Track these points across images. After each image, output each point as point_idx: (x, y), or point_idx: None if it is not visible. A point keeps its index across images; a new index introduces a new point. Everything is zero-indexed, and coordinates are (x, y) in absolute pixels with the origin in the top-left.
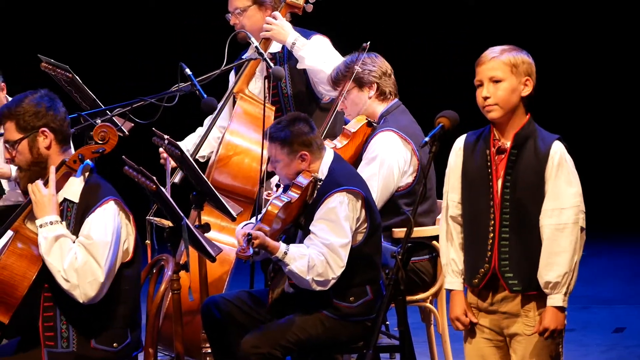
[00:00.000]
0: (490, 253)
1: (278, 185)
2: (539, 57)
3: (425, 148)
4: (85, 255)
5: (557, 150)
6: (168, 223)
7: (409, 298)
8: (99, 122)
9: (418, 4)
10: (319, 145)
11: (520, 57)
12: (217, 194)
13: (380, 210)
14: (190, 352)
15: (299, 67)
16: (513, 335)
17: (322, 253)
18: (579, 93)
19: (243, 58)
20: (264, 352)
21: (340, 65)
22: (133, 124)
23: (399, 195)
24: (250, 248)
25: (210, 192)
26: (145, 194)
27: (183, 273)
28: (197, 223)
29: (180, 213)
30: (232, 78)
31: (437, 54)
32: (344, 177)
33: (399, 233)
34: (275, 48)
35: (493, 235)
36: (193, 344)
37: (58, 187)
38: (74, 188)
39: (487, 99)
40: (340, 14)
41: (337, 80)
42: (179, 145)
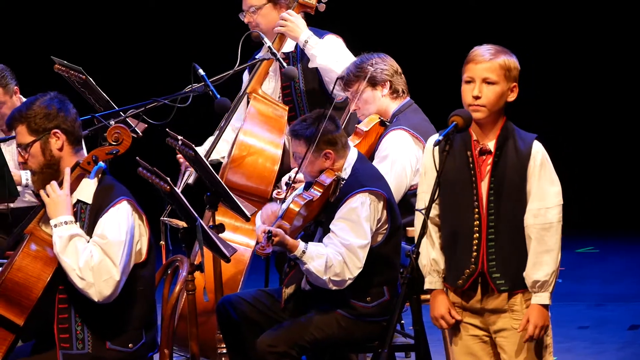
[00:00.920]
0: (477, 254)
1: (288, 184)
2: (538, 56)
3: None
4: (101, 254)
5: (538, 150)
6: (182, 224)
7: (424, 297)
8: (113, 123)
9: (431, 3)
10: (344, 144)
11: (513, 62)
12: (231, 195)
13: None
14: (206, 352)
15: (311, 65)
16: (499, 331)
17: (340, 253)
18: (582, 93)
19: (256, 58)
20: (280, 351)
21: (351, 67)
22: (147, 125)
23: (412, 194)
24: (270, 246)
25: (225, 192)
26: (160, 195)
27: (198, 274)
28: (211, 223)
29: (195, 214)
30: (245, 78)
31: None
32: (367, 177)
33: (413, 232)
34: (289, 47)
35: (479, 237)
36: (208, 345)
37: (72, 188)
38: (88, 189)
39: (477, 98)
40: (353, 14)
41: (348, 82)
42: (193, 146)
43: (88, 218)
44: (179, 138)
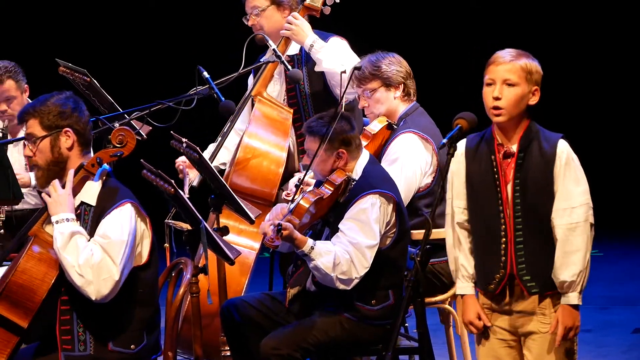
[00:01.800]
0: (505, 258)
1: (297, 186)
2: (545, 56)
3: (444, 149)
4: (102, 253)
5: (563, 150)
6: (187, 226)
7: (428, 300)
8: (117, 125)
9: (438, 6)
10: (357, 145)
11: (535, 65)
12: (235, 197)
13: None
14: (209, 355)
15: (317, 69)
16: (528, 334)
17: (347, 252)
18: (583, 95)
19: (261, 61)
20: (284, 353)
21: (366, 64)
22: (151, 128)
23: (419, 197)
24: (279, 238)
25: (229, 195)
26: (164, 198)
27: (202, 276)
28: (215, 226)
29: (199, 216)
30: (250, 81)
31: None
32: (378, 179)
33: (418, 234)
34: (294, 50)
35: (506, 240)
36: (212, 347)
37: (76, 190)
38: (92, 191)
39: (497, 100)
40: (358, 16)
41: (363, 78)
42: (197, 149)
43: (91, 220)
44: (184, 140)
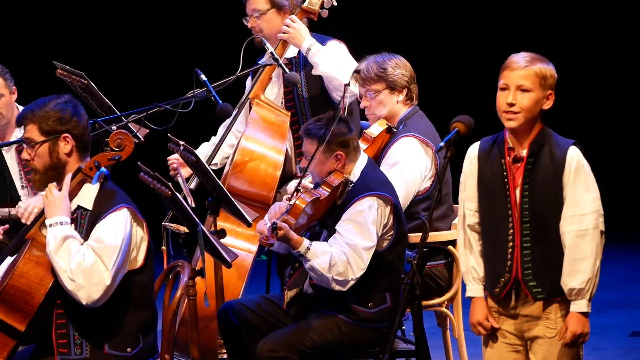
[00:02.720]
0: (511, 262)
1: (298, 190)
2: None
3: (441, 153)
4: (94, 257)
5: (573, 156)
6: (184, 229)
7: (425, 303)
8: (115, 128)
9: (434, 7)
10: (355, 148)
11: (549, 70)
12: (232, 200)
13: None
14: (206, 358)
15: (314, 73)
16: (534, 338)
17: (344, 253)
18: (579, 97)
19: (259, 63)
20: (281, 356)
21: (372, 65)
22: (148, 130)
23: (417, 200)
24: (275, 237)
25: (226, 198)
26: (161, 200)
27: (199, 279)
28: (212, 229)
29: (196, 219)
30: (249, 83)
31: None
32: (376, 182)
33: (415, 238)
34: (291, 53)
35: (512, 245)
36: (209, 350)
37: (73, 194)
38: (89, 195)
39: (511, 105)
40: (355, 19)
41: (368, 79)
42: (195, 151)
43: (87, 223)
44: (181, 143)
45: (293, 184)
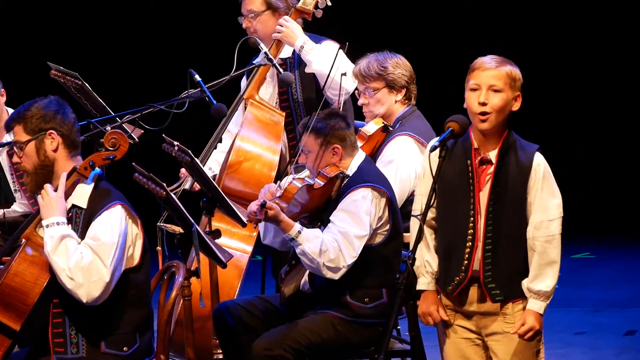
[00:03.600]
0: (467, 262)
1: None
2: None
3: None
4: (92, 255)
5: (540, 162)
6: (179, 229)
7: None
8: (109, 129)
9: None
10: (352, 143)
11: (517, 72)
12: (227, 200)
13: None
14: (202, 358)
15: (307, 71)
16: (491, 334)
17: (336, 240)
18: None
19: (254, 64)
20: (276, 354)
21: (373, 62)
22: (143, 131)
23: (412, 200)
24: (262, 213)
25: (221, 198)
26: (156, 201)
27: (194, 279)
28: (207, 229)
29: (191, 219)
30: (243, 83)
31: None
32: (372, 176)
33: (409, 237)
34: (286, 53)
35: (471, 245)
36: (204, 350)
37: (67, 193)
38: (83, 194)
39: (483, 105)
40: (350, 18)
41: (368, 77)
42: (189, 152)
43: (82, 222)
44: (175, 144)
45: (288, 179)
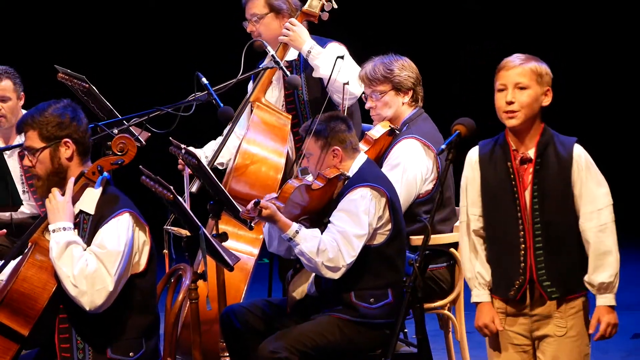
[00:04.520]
0: (524, 264)
1: None
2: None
3: (443, 155)
4: (97, 263)
5: (580, 154)
6: (185, 232)
7: (427, 305)
8: (116, 132)
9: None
10: (353, 145)
11: (544, 67)
12: (234, 203)
13: None
14: None
15: (314, 75)
16: (543, 337)
17: (334, 239)
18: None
19: (260, 67)
20: (282, 357)
21: (379, 65)
22: (150, 134)
23: (419, 203)
24: (255, 212)
25: (228, 201)
26: (163, 204)
27: (201, 282)
28: (214, 232)
29: (198, 222)
30: (250, 86)
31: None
32: (371, 176)
33: (417, 240)
34: (292, 56)
35: (525, 246)
36: (211, 353)
37: (75, 198)
38: (91, 200)
39: (510, 104)
40: (355, 21)
41: (375, 80)
42: (196, 155)
43: (90, 228)
44: (182, 147)
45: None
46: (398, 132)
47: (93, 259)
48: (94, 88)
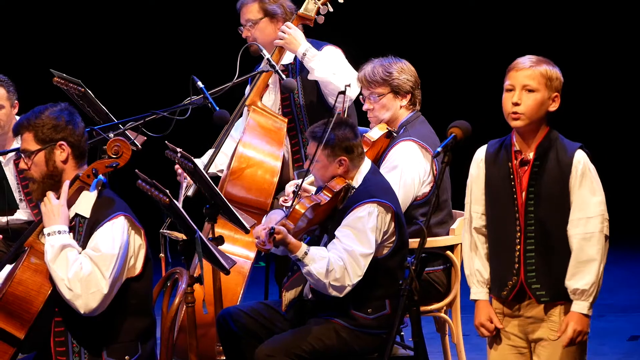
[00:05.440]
0: (518, 265)
1: (295, 192)
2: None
3: (439, 158)
4: (91, 266)
5: (580, 160)
6: (182, 236)
7: (423, 308)
8: (112, 136)
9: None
10: (360, 154)
11: (555, 72)
12: (230, 207)
13: None
14: None
15: (310, 78)
16: (537, 340)
17: (341, 258)
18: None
19: (256, 70)
20: None
21: (377, 67)
22: (146, 138)
23: (416, 205)
24: (271, 242)
25: (224, 204)
26: (159, 208)
27: (197, 286)
28: (210, 236)
29: (194, 226)
30: (247, 90)
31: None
32: (378, 189)
33: (413, 243)
34: (288, 59)
35: (519, 248)
36: (208, 357)
37: (71, 201)
38: (86, 203)
39: (516, 105)
40: (351, 24)
41: (374, 82)
42: (192, 158)
43: (85, 231)
44: (178, 150)
45: (291, 186)
46: (395, 134)
47: (87, 262)
48: (90, 92)
